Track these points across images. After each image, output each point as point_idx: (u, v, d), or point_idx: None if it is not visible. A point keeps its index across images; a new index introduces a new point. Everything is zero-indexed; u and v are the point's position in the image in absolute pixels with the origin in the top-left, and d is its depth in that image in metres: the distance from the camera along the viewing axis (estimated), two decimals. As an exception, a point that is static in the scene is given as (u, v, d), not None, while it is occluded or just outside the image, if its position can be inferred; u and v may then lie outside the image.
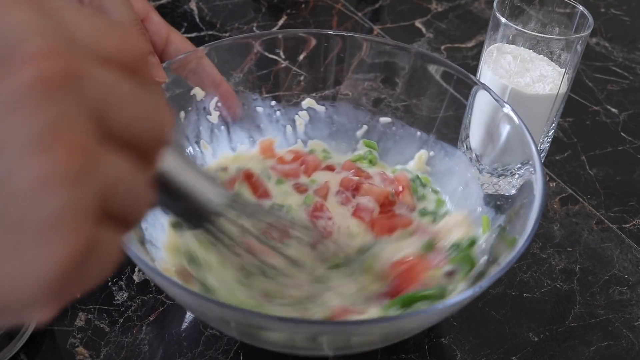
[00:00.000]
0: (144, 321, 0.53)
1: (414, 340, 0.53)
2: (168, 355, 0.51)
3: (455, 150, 0.61)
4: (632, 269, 0.61)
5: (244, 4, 0.96)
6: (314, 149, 0.64)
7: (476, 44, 0.92)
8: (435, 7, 1.00)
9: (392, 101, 0.65)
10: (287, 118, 0.65)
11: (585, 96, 0.84)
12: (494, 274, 0.42)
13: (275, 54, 0.64)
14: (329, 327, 0.45)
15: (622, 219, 0.66)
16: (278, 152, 0.63)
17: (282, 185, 0.59)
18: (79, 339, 0.51)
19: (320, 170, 0.61)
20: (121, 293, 0.55)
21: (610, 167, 0.73)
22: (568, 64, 0.62)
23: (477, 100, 0.58)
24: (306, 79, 0.65)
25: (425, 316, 0.43)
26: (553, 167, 0.72)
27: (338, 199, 0.58)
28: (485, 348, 0.53)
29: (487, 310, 0.56)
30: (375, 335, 0.45)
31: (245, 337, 0.47)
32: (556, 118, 0.66)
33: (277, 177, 0.60)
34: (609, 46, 0.94)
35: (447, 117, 0.62)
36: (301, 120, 0.65)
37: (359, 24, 0.95)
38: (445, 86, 0.60)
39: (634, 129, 0.79)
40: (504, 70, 0.63)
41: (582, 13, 0.63)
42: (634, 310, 0.57)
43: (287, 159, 0.62)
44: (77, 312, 0.53)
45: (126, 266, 0.57)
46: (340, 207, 0.57)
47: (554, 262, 0.61)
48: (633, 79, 0.87)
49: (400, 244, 0.54)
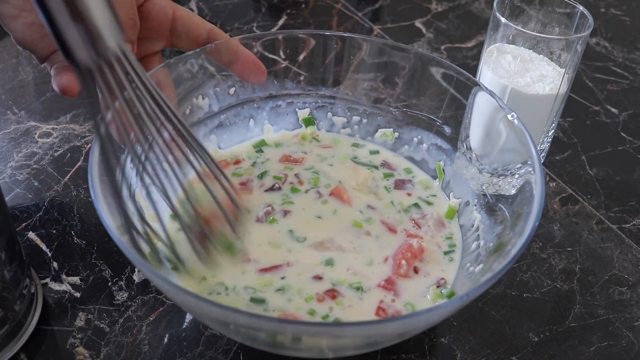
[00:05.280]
0: (144, 321, 0.53)
1: (414, 340, 0.53)
2: (168, 355, 0.51)
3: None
4: (632, 269, 0.61)
5: (244, 4, 0.96)
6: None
7: (476, 44, 0.92)
8: (435, 7, 1.00)
9: (392, 101, 0.65)
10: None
11: (585, 96, 0.84)
12: (493, 274, 0.42)
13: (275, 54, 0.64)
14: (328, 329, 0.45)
15: (622, 219, 0.66)
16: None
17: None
18: (79, 339, 0.51)
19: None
20: (121, 293, 0.55)
21: (610, 167, 0.73)
22: (568, 64, 0.62)
23: (477, 100, 0.58)
24: (306, 79, 0.65)
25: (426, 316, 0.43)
26: (553, 167, 0.72)
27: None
28: (485, 348, 0.53)
29: (487, 310, 0.56)
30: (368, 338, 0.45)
31: (241, 337, 0.47)
32: (556, 118, 0.66)
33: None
34: (609, 46, 0.94)
35: (447, 117, 0.62)
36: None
37: (359, 24, 0.95)
38: (445, 86, 0.60)
39: (634, 129, 0.79)
40: (504, 70, 0.63)
41: (582, 13, 0.63)
42: (634, 310, 0.57)
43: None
44: (77, 312, 0.53)
45: (126, 266, 0.57)
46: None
47: (554, 262, 0.61)
48: (633, 79, 0.87)
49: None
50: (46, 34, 0.52)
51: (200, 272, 0.51)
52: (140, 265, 0.42)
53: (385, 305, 0.51)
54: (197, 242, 0.47)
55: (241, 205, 0.51)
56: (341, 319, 0.49)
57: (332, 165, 0.63)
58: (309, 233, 0.56)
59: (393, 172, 0.63)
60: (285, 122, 0.66)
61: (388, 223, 0.57)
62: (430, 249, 0.55)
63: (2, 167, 0.66)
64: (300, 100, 0.66)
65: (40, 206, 0.62)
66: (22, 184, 0.64)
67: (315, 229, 0.56)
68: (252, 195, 0.59)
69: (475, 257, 0.54)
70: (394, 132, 0.65)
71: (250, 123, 0.65)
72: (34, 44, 0.53)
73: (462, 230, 0.58)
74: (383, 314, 0.50)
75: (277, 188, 0.60)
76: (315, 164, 0.63)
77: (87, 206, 0.62)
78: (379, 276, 0.53)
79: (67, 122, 0.72)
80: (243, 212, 0.51)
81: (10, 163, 0.66)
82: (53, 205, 0.62)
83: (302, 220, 0.57)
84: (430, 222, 0.58)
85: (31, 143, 0.69)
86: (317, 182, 0.61)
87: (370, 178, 0.62)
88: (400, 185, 0.62)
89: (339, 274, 0.53)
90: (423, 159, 0.64)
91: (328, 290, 0.51)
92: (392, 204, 0.60)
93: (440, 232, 0.58)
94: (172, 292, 0.43)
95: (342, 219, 0.57)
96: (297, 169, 0.62)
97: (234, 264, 0.52)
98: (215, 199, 0.47)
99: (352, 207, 0.59)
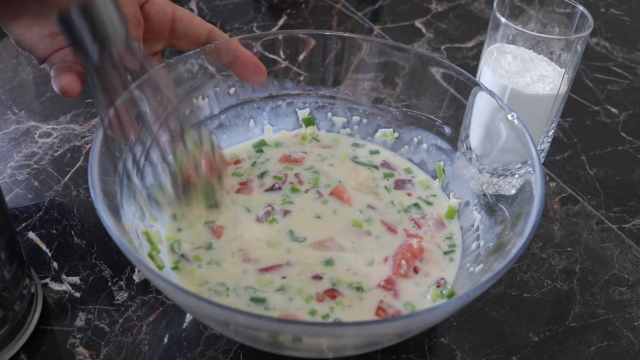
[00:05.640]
0: (144, 321, 0.53)
1: (414, 340, 0.53)
2: (168, 355, 0.51)
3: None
4: (632, 269, 0.61)
5: (244, 4, 0.96)
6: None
7: (476, 44, 0.92)
8: (435, 7, 1.00)
9: (392, 101, 0.65)
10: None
11: (585, 96, 0.84)
12: (493, 274, 0.42)
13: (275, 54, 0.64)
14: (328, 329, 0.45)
15: (622, 219, 0.66)
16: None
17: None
18: (79, 339, 0.51)
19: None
20: (121, 293, 0.55)
21: (610, 167, 0.73)
22: (568, 64, 0.62)
23: (477, 100, 0.58)
24: (306, 79, 0.65)
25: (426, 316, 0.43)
26: (553, 167, 0.72)
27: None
28: (485, 348, 0.53)
29: (487, 310, 0.56)
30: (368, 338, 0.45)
31: (241, 337, 0.47)
32: (556, 118, 0.66)
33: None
34: (609, 46, 0.94)
35: (447, 117, 0.62)
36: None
37: (359, 24, 0.95)
38: (445, 86, 0.60)
39: (634, 129, 0.79)
40: (504, 70, 0.63)
41: (582, 13, 0.63)
42: (634, 310, 0.57)
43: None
44: (77, 312, 0.53)
45: (126, 266, 0.57)
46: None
47: (554, 262, 0.61)
48: (633, 79, 0.87)
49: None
50: (45, 35, 0.52)
51: (175, 209, 0.55)
52: (140, 265, 0.42)
53: (385, 305, 0.51)
54: (180, 184, 0.51)
55: (222, 169, 0.55)
56: (341, 319, 0.49)
57: (332, 165, 0.63)
58: (309, 233, 0.56)
59: (393, 172, 0.63)
60: (285, 122, 0.66)
61: (388, 223, 0.58)
62: (430, 249, 0.55)
63: (2, 167, 0.66)
64: (300, 100, 0.66)
65: (40, 206, 0.62)
66: (22, 184, 0.64)
67: (315, 229, 0.56)
68: (252, 195, 0.59)
69: (475, 257, 0.54)
70: (394, 132, 0.65)
71: (250, 123, 0.65)
72: (33, 45, 0.53)
73: (462, 230, 0.58)
74: (383, 314, 0.50)
75: (277, 188, 0.60)
76: (315, 164, 0.63)
77: (87, 206, 0.62)
78: (379, 276, 0.53)
79: (67, 122, 0.72)
80: (223, 177, 0.55)
81: (10, 163, 0.67)
82: (53, 205, 0.62)
83: (302, 220, 0.57)
84: (430, 222, 0.58)
85: (31, 143, 0.69)
86: (317, 182, 0.61)
87: (370, 178, 0.62)
88: (400, 185, 0.62)
89: (339, 274, 0.53)
90: (423, 159, 0.64)
91: (328, 290, 0.51)
92: (392, 204, 0.60)
93: (440, 232, 0.58)
94: (172, 292, 0.43)
95: (342, 219, 0.57)
96: (297, 169, 0.62)
97: (204, 210, 0.57)
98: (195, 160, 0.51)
99: (352, 207, 0.59)
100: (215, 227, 0.55)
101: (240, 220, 0.56)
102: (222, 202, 0.58)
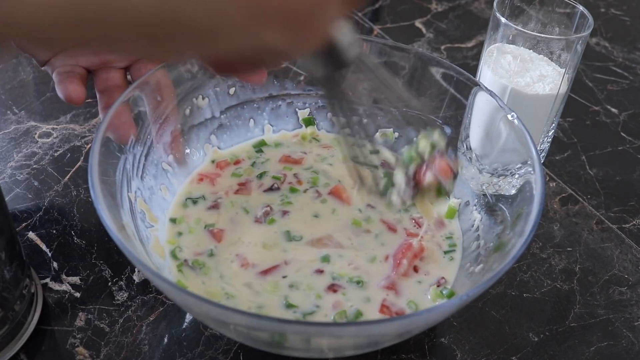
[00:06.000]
0: (144, 321, 0.53)
1: (414, 340, 0.53)
2: (168, 355, 0.51)
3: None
4: (632, 269, 0.61)
5: (244, 4, 0.96)
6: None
7: (476, 44, 0.92)
8: (435, 7, 1.00)
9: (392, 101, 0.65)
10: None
11: (585, 96, 0.84)
12: (494, 274, 0.42)
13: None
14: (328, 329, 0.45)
15: (622, 219, 0.66)
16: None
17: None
18: (79, 339, 0.51)
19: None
20: (121, 293, 0.55)
21: (610, 167, 0.73)
22: (568, 64, 0.62)
23: (477, 100, 0.58)
24: (306, 79, 0.65)
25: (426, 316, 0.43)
26: (553, 167, 0.72)
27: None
28: (485, 348, 0.53)
29: (487, 310, 0.56)
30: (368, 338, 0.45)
31: (241, 337, 0.47)
32: (556, 118, 0.66)
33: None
34: (609, 46, 0.94)
35: (447, 117, 0.62)
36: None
37: (359, 24, 0.95)
38: (445, 86, 0.60)
39: (634, 129, 0.79)
40: (504, 70, 0.63)
41: (582, 13, 0.63)
42: (634, 310, 0.57)
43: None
44: (77, 312, 0.53)
45: (126, 266, 0.57)
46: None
47: (554, 262, 0.61)
48: (633, 79, 0.87)
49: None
50: None
51: None
52: (140, 265, 0.42)
53: (388, 303, 0.51)
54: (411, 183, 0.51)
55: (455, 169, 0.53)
56: (361, 311, 0.50)
57: (331, 164, 0.63)
58: (306, 232, 0.56)
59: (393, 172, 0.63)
60: (285, 122, 0.66)
61: (388, 222, 0.58)
62: (430, 248, 0.55)
63: (2, 167, 0.66)
64: (301, 101, 0.66)
65: (40, 206, 0.62)
66: (22, 184, 0.64)
67: (312, 228, 0.56)
68: (251, 196, 0.59)
69: (475, 257, 0.54)
70: (394, 132, 0.65)
71: (250, 123, 0.65)
72: (33, 48, 0.53)
73: (462, 230, 0.58)
74: (387, 311, 0.50)
75: (275, 188, 0.60)
76: (314, 164, 0.63)
77: (87, 206, 0.62)
78: (380, 275, 0.53)
79: (67, 122, 0.72)
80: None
81: (10, 163, 0.66)
82: (53, 205, 0.62)
83: (300, 219, 0.57)
84: (431, 221, 0.58)
85: (31, 143, 0.69)
86: (316, 181, 0.61)
87: (370, 178, 0.62)
88: None
89: (340, 269, 0.53)
90: None
91: (330, 285, 0.51)
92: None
93: (440, 232, 0.58)
94: (172, 292, 0.43)
95: (341, 218, 0.57)
96: (296, 169, 0.62)
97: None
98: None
99: (351, 206, 0.59)
100: (215, 231, 0.55)
101: (238, 222, 0.56)
102: (222, 203, 0.58)
